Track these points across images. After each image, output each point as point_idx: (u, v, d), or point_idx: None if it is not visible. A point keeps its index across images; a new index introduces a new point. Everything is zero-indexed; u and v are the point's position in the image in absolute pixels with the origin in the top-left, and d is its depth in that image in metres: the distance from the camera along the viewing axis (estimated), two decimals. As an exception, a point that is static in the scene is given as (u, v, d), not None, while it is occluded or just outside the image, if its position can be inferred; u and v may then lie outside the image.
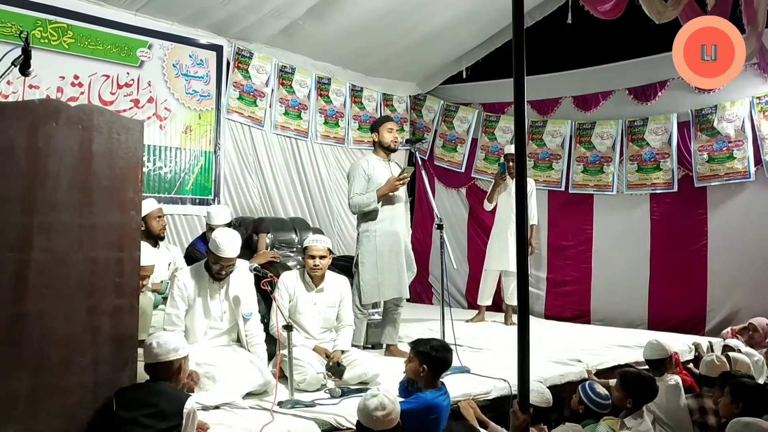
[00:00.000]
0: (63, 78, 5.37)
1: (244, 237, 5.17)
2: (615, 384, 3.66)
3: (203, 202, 6.24)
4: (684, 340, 5.38)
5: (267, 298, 4.02)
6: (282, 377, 3.61)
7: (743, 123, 6.22)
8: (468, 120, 7.97)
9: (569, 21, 6.39)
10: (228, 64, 6.45)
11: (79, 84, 5.46)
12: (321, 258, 4.10)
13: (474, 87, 7.98)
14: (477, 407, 3.59)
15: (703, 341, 5.40)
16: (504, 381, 3.94)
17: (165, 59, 6.04)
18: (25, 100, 4.82)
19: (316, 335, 4.15)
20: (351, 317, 4.28)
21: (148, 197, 4.69)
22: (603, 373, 4.50)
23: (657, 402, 3.88)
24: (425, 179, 5.20)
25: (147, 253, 3.78)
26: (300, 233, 6.12)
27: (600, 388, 3.64)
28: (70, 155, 2.73)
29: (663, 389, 3.98)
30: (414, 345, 3.40)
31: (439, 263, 4.71)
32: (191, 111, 6.25)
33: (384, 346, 4.88)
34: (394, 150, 4.88)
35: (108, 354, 2.81)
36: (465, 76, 7.90)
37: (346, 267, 4.95)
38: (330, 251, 4.20)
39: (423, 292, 7.97)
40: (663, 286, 6.66)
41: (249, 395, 3.51)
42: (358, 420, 2.75)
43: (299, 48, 6.90)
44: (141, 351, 3.00)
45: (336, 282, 4.26)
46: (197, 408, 2.86)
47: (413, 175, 5.04)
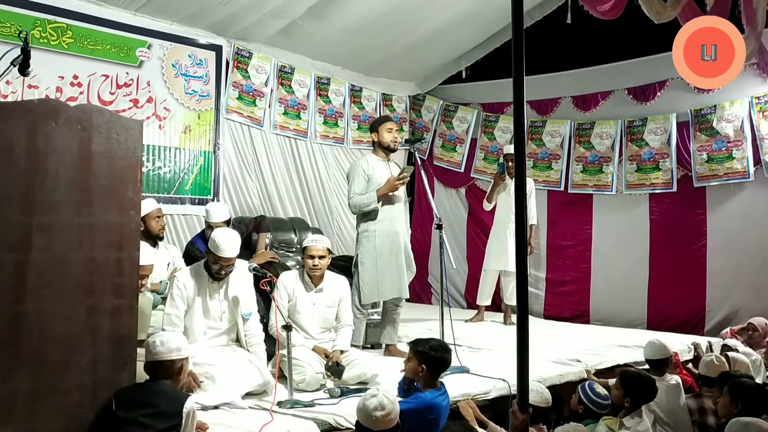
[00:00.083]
0: (62, 78, 5.37)
1: (244, 235, 5.17)
2: (614, 383, 3.67)
3: (202, 202, 6.23)
4: (683, 340, 5.38)
5: (266, 298, 4.02)
6: (281, 377, 3.61)
7: (742, 123, 6.22)
8: (467, 120, 7.97)
9: (569, 21, 6.39)
10: (227, 64, 6.45)
11: (79, 84, 5.46)
12: (320, 258, 4.10)
13: (473, 87, 7.98)
14: (476, 407, 3.59)
15: (703, 341, 5.40)
16: (503, 381, 3.94)
17: (164, 59, 6.04)
18: (25, 99, 4.82)
19: (315, 335, 4.14)
20: (350, 317, 4.27)
21: (147, 197, 4.69)
22: (602, 373, 4.51)
23: (657, 402, 3.89)
24: (424, 179, 5.21)
25: (146, 253, 3.78)
26: (299, 233, 6.13)
27: (599, 388, 3.65)
28: (69, 155, 2.73)
29: (663, 389, 3.99)
30: (413, 345, 3.41)
31: (439, 263, 4.71)
32: (190, 111, 6.25)
33: (383, 346, 4.88)
34: (393, 150, 4.87)
35: (107, 354, 2.81)
36: (464, 76, 7.90)
37: (345, 267, 4.94)
38: (329, 251, 4.20)
39: (422, 291, 7.97)
40: (662, 286, 6.66)
41: (248, 395, 3.51)
42: (357, 420, 2.75)
43: (298, 48, 6.89)
44: (140, 351, 3.00)
45: (335, 282, 4.26)
46: (196, 408, 2.86)
47: (412, 175, 5.04)
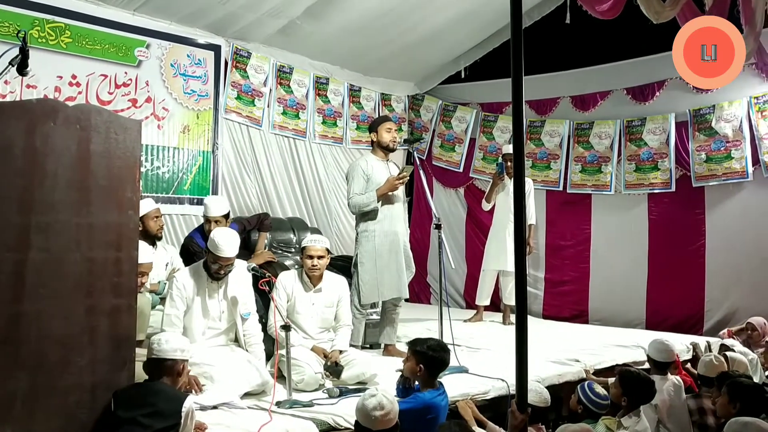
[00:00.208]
0: (61, 78, 5.35)
1: (246, 231, 5.16)
2: (614, 381, 3.67)
3: (201, 202, 6.19)
4: (682, 340, 5.38)
5: (265, 298, 4.02)
6: (280, 377, 3.61)
7: (741, 123, 6.22)
8: (466, 120, 7.97)
9: (567, 21, 6.39)
10: (226, 63, 6.44)
11: (77, 84, 5.45)
12: (319, 258, 4.10)
13: (472, 87, 7.98)
14: (475, 407, 3.59)
15: (701, 341, 5.40)
16: (502, 381, 3.95)
17: (163, 59, 6.03)
18: (23, 99, 4.81)
19: (314, 335, 4.14)
20: (349, 317, 4.28)
21: (145, 197, 4.68)
22: (601, 373, 4.51)
23: (660, 402, 3.89)
24: (423, 179, 5.21)
25: (145, 251, 3.79)
26: (298, 233, 6.12)
27: (599, 388, 3.64)
28: (67, 155, 2.73)
29: (665, 389, 3.99)
30: (411, 345, 3.41)
31: (438, 263, 4.71)
32: (189, 111, 6.24)
33: (382, 345, 4.88)
34: (392, 150, 4.87)
35: (106, 354, 2.80)
36: (463, 75, 7.89)
37: (344, 267, 4.94)
38: (328, 251, 4.20)
39: (421, 291, 7.97)
40: (661, 285, 6.67)
41: (247, 395, 3.51)
42: (356, 420, 2.75)
43: (297, 47, 6.89)
44: (139, 351, 3.00)
45: (334, 282, 4.26)
46: (195, 408, 2.86)
47: (411, 175, 5.05)
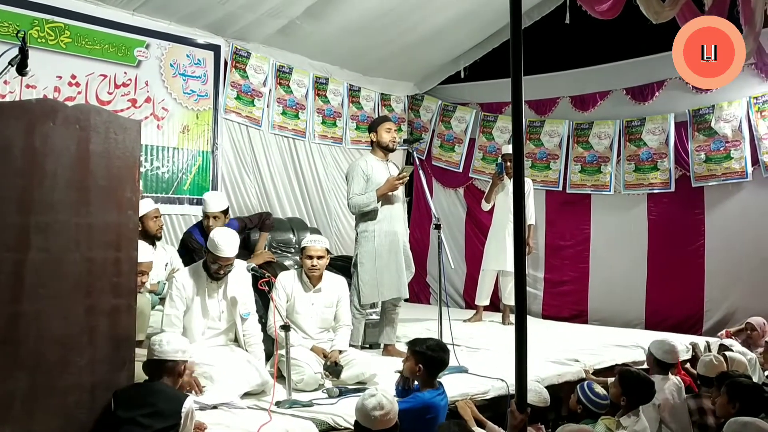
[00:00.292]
0: (60, 78, 5.35)
1: (247, 230, 5.15)
2: (613, 381, 3.67)
3: (201, 202, 6.21)
4: (681, 340, 5.37)
5: (264, 298, 4.02)
6: (280, 377, 3.61)
7: (740, 123, 6.22)
8: (466, 120, 7.97)
9: (567, 21, 6.38)
10: (225, 63, 6.43)
11: (77, 84, 5.45)
12: (319, 258, 4.10)
13: (472, 87, 7.97)
14: (474, 407, 3.59)
15: (701, 341, 5.41)
16: (501, 381, 3.95)
17: (162, 59, 6.03)
18: (22, 99, 4.81)
19: (313, 335, 4.14)
20: (348, 317, 4.28)
21: (145, 197, 4.68)
22: (600, 373, 4.51)
23: (662, 402, 3.90)
24: (423, 179, 5.21)
25: (145, 251, 3.78)
26: (298, 233, 6.12)
27: (598, 388, 3.64)
28: (67, 155, 2.73)
29: (666, 389, 3.99)
30: (411, 344, 3.42)
31: (437, 263, 4.71)
32: (189, 111, 6.24)
33: (382, 345, 4.88)
34: (392, 150, 4.87)
35: (105, 354, 2.80)
36: (463, 75, 7.89)
37: (344, 267, 4.94)
38: (328, 251, 4.20)
39: (421, 291, 7.97)
40: (660, 286, 6.67)
41: (247, 395, 3.51)
42: (356, 420, 2.75)
43: (297, 47, 6.88)
44: (139, 351, 3.00)
45: (334, 282, 4.26)
46: (195, 408, 2.86)
47: (411, 175, 5.06)
